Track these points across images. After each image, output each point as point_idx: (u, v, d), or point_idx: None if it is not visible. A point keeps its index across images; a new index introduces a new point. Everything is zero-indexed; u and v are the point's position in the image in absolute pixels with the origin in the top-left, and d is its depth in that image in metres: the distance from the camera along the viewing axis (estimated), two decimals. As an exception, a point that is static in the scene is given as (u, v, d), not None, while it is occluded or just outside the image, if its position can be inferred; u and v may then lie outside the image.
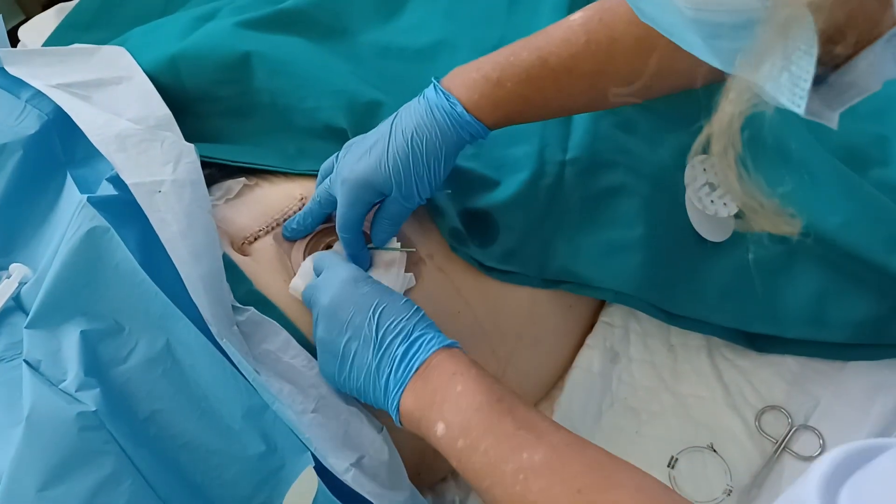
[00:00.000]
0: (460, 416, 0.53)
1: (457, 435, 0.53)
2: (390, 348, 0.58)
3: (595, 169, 0.75)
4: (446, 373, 0.56)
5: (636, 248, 0.74)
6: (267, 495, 0.56)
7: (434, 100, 0.65)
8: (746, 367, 0.78)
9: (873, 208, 0.75)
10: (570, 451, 0.51)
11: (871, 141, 0.81)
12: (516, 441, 0.51)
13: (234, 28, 0.80)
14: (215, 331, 0.57)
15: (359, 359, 0.59)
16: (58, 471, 0.52)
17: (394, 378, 0.57)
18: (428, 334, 0.58)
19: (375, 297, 0.60)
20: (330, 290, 0.61)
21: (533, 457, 0.50)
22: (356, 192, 0.65)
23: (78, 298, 0.58)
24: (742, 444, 0.74)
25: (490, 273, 0.74)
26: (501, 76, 0.63)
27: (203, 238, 0.62)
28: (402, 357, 0.57)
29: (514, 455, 0.51)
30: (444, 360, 0.57)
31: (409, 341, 0.58)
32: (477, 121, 0.64)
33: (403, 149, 0.64)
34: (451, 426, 0.54)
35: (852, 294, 0.74)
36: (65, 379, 0.56)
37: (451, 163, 0.66)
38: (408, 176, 0.64)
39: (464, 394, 0.54)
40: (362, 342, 0.58)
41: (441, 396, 0.55)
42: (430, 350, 0.57)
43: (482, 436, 0.52)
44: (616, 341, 0.80)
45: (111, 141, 0.65)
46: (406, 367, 0.57)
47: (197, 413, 0.57)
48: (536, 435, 0.52)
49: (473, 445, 0.52)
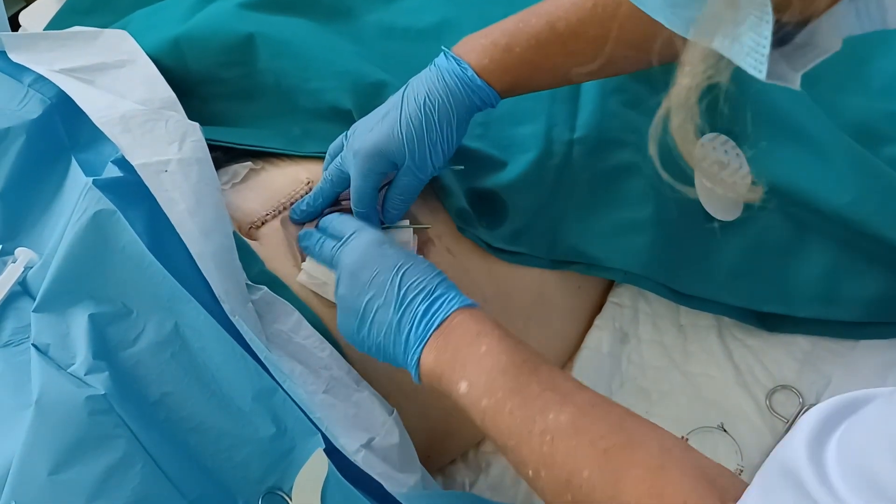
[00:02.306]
0: (485, 376, 0.54)
1: (481, 394, 0.54)
2: (412, 305, 0.58)
3: (603, 148, 0.74)
4: (470, 332, 0.56)
5: (645, 228, 0.73)
6: (278, 477, 0.56)
7: (445, 66, 0.65)
8: (757, 346, 0.77)
9: (885, 185, 0.74)
10: (595, 412, 0.51)
11: (882, 118, 0.81)
12: (542, 402, 0.52)
13: (238, 9, 0.79)
14: (228, 308, 0.57)
15: (380, 316, 0.59)
16: (68, 455, 0.52)
17: (414, 334, 0.57)
18: (450, 293, 0.58)
19: (400, 258, 0.60)
20: (356, 250, 0.62)
21: (559, 417, 0.51)
22: (369, 163, 0.65)
23: (85, 282, 0.58)
24: (753, 424, 0.73)
25: (498, 254, 0.73)
26: (510, 42, 0.64)
27: (212, 215, 0.62)
28: (424, 314, 0.57)
29: (540, 416, 0.51)
30: (466, 320, 0.57)
31: (430, 299, 0.58)
32: (488, 85, 0.64)
33: (416, 115, 0.64)
34: (474, 385, 0.54)
35: (863, 272, 0.74)
36: (73, 363, 0.55)
37: (463, 130, 0.66)
38: (421, 142, 0.64)
39: (488, 354, 0.55)
40: (384, 300, 0.59)
41: (464, 355, 0.55)
42: (451, 308, 0.57)
43: (507, 396, 0.53)
44: (625, 322, 0.79)
45: (115, 122, 0.64)
46: (427, 323, 0.57)
47: (207, 395, 0.56)
48: (562, 395, 0.52)
49: (499, 405, 0.53)
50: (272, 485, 0.56)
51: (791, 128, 0.76)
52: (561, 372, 0.55)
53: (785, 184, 0.74)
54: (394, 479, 0.60)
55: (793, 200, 0.74)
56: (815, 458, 0.34)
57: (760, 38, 0.37)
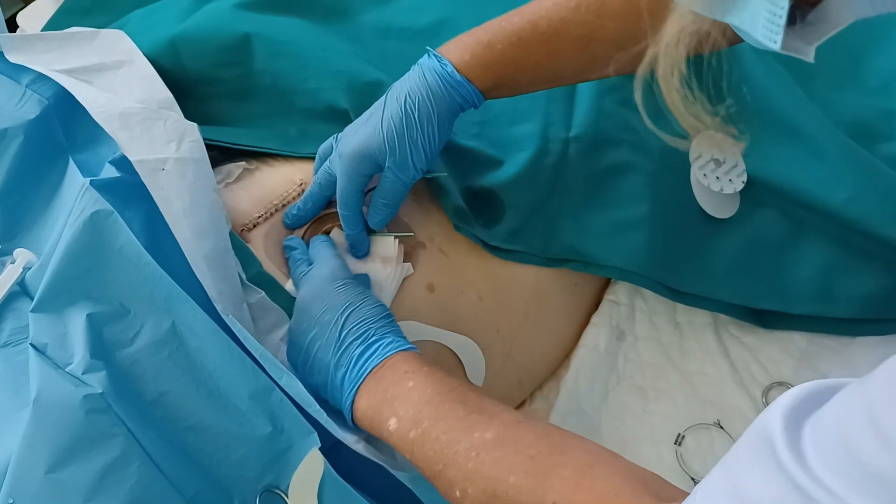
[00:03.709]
0: (412, 409, 0.54)
1: (409, 427, 0.54)
2: (349, 349, 0.59)
3: (599, 146, 0.75)
4: (398, 371, 0.57)
5: (641, 226, 0.73)
6: (274, 476, 0.57)
7: (426, 63, 0.65)
8: (753, 343, 0.77)
9: (881, 182, 0.74)
10: (521, 427, 0.51)
11: (878, 115, 0.81)
12: (467, 423, 0.52)
13: (234, 9, 0.79)
14: (220, 308, 0.58)
15: (320, 355, 0.60)
16: (65, 453, 0.53)
17: (348, 378, 0.58)
18: (387, 338, 0.59)
19: (349, 299, 0.61)
20: (311, 281, 0.63)
21: (485, 434, 0.51)
22: (353, 164, 0.65)
23: (82, 282, 0.58)
24: (749, 421, 0.72)
25: (494, 252, 0.73)
26: (492, 39, 0.64)
27: (207, 216, 0.62)
28: (359, 358, 0.58)
29: (465, 436, 0.51)
30: (398, 362, 0.58)
31: (367, 343, 0.59)
32: (467, 81, 0.64)
33: (397, 113, 0.64)
34: (402, 420, 0.54)
35: (860, 269, 0.74)
36: (71, 362, 0.56)
37: (446, 129, 0.66)
38: (402, 140, 0.64)
39: (415, 388, 0.55)
40: (326, 340, 0.59)
41: (392, 393, 0.56)
42: (386, 353, 0.58)
43: (433, 424, 0.53)
44: (622, 319, 0.79)
45: (114, 119, 0.65)
46: (361, 367, 0.58)
47: (204, 394, 0.57)
48: (488, 416, 0.52)
49: (426, 434, 0.53)
50: (269, 483, 0.57)
51: (787, 125, 0.76)
52: (489, 398, 0.55)
53: (781, 181, 0.74)
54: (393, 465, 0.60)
55: (789, 198, 0.74)
56: (790, 429, 0.34)
57: (776, 9, 0.37)
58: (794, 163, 0.75)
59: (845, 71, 0.84)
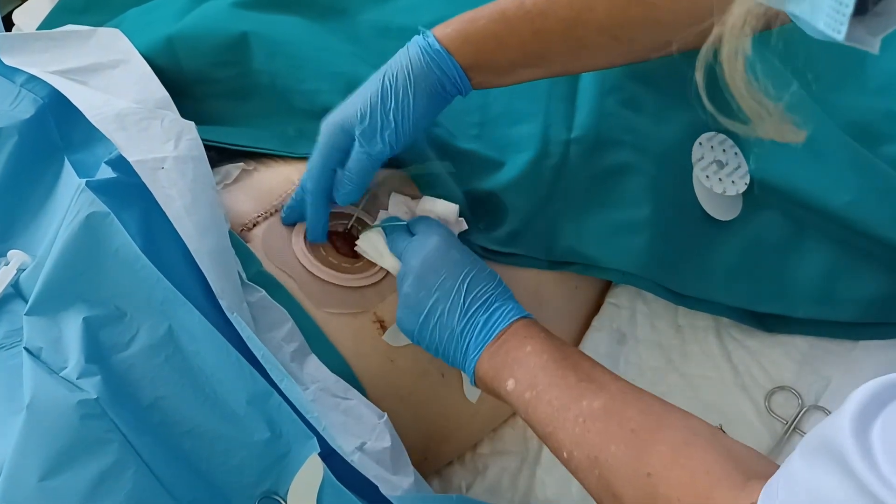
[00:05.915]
0: (528, 372, 0.59)
1: (524, 389, 0.59)
2: (475, 315, 0.62)
3: (601, 148, 0.74)
4: (518, 337, 0.61)
5: (643, 228, 0.73)
6: (273, 482, 0.56)
7: (413, 39, 0.66)
8: (755, 347, 0.77)
9: (883, 184, 0.74)
10: (626, 398, 0.55)
11: (881, 117, 0.80)
12: (578, 391, 0.56)
13: (231, 8, 0.78)
14: (225, 304, 0.57)
15: (444, 320, 0.62)
16: (59, 460, 0.52)
17: (474, 342, 0.62)
18: (508, 304, 0.63)
19: (466, 265, 0.64)
20: (424, 249, 0.64)
21: (592, 403, 0.55)
22: (325, 136, 0.66)
23: (78, 285, 0.58)
24: (752, 426, 0.73)
25: (495, 257, 0.72)
26: (477, 14, 0.65)
27: (208, 213, 0.62)
28: (484, 324, 0.62)
29: (575, 403, 0.56)
30: (518, 328, 0.62)
31: (490, 310, 0.62)
32: (446, 52, 0.64)
33: (375, 84, 0.65)
34: (519, 381, 0.59)
35: (862, 272, 0.74)
36: (66, 366, 0.55)
37: (423, 107, 0.65)
38: (374, 110, 0.65)
39: (532, 353, 0.60)
40: (450, 305, 0.62)
41: (512, 357, 0.60)
42: (508, 320, 0.62)
43: (547, 389, 0.58)
44: (623, 322, 0.79)
45: (111, 120, 0.64)
46: (487, 333, 0.62)
47: (201, 399, 0.56)
48: (597, 385, 0.57)
49: (539, 396, 0.58)
50: (267, 489, 0.56)
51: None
52: (600, 366, 0.60)
53: (783, 183, 0.74)
54: (388, 482, 0.60)
55: (791, 200, 0.74)
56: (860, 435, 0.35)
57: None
58: (797, 164, 0.74)
59: (848, 72, 0.83)
